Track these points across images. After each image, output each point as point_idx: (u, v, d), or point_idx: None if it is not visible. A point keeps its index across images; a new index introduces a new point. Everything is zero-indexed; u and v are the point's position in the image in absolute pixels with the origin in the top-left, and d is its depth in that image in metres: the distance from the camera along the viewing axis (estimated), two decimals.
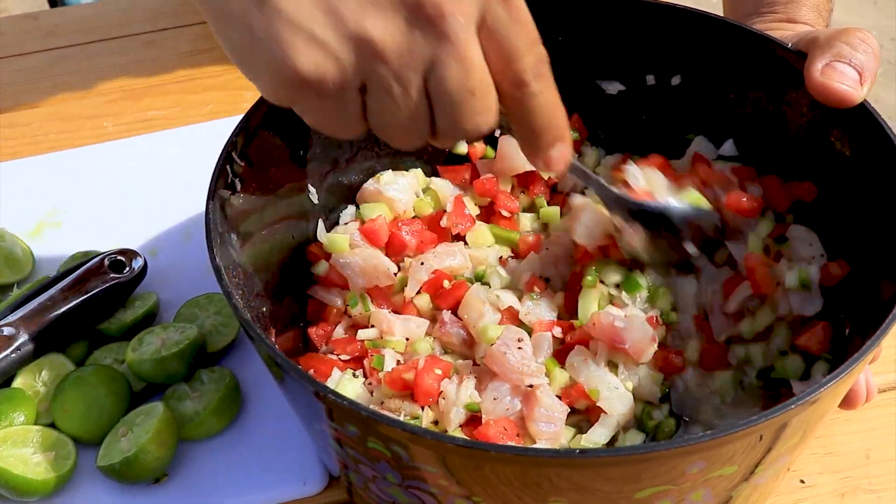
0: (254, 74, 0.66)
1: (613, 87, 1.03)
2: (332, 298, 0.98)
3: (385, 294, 0.98)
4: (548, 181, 1.06)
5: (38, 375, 1.01)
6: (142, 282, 1.09)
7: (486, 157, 1.07)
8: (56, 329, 1.01)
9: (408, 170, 1.05)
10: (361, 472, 0.77)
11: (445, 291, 0.95)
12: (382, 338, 0.95)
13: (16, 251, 1.13)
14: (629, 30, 0.98)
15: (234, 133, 0.89)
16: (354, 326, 0.98)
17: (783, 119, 0.93)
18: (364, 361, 0.94)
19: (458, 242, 1.02)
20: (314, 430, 0.81)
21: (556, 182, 1.06)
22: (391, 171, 1.03)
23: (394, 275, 0.97)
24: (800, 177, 0.94)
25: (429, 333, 0.96)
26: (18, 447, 0.94)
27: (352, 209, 1.04)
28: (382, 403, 0.90)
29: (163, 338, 1.01)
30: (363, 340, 0.95)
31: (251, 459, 0.97)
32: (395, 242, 0.99)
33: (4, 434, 0.95)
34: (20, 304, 1.02)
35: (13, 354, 0.99)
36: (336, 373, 0.92)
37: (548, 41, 0.99)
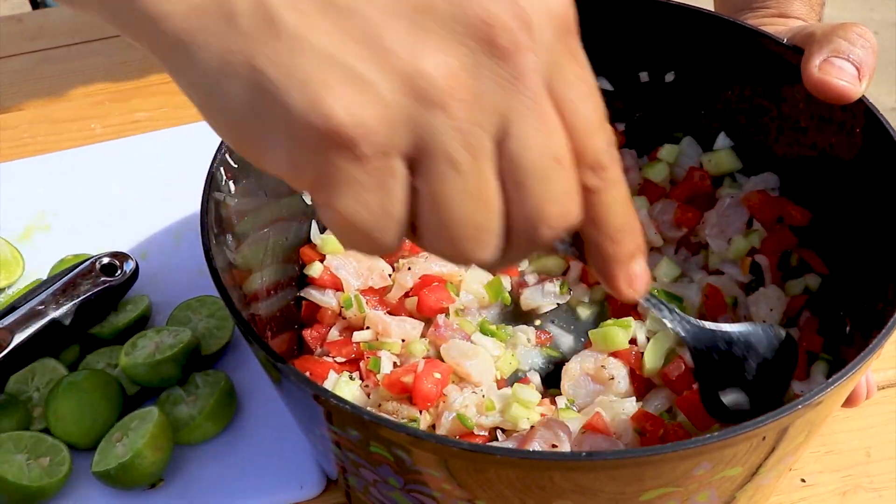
0: (263, 142, 0.48)
1: (607, 85, 1.02)
2: (327, 300, 0.98)
3: (380, 295, 0.98)
4: None
5: (31, 380, 1.00)
6: (133, 285, 1.08)
7: None
8: (48, 333, 1.00)
9: None
10: (362, 476, 0.77)
11: (426, 303, 0.95)
12: (378, 339, 0.94)
13: (5, 255, 1.12)
14: (622, 26, 0.98)
15: None
16: (349, 328, 0.97)
17: (779, 115, 0.93)
18: (360, 364, 0.93)
19: None
20: (313, 434, 0.80)
21: None
22: None
23: (388, 276, 0.97)
24: (798, 176, 0.94)
25: (424, 335, 0.95)
26: (12, 453, 0.93)
27: None
28: (380, 406, 0.89)
29: (156, 341, 1.00)
30: (359, 343, 0.94)
31: (248, 463, 0.96)
32: None
33: None
34: (11, 309, 1.00)
35: (5, 359, 0.97)
36: (332, 375, 0.91)
37: None
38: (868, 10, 3.27)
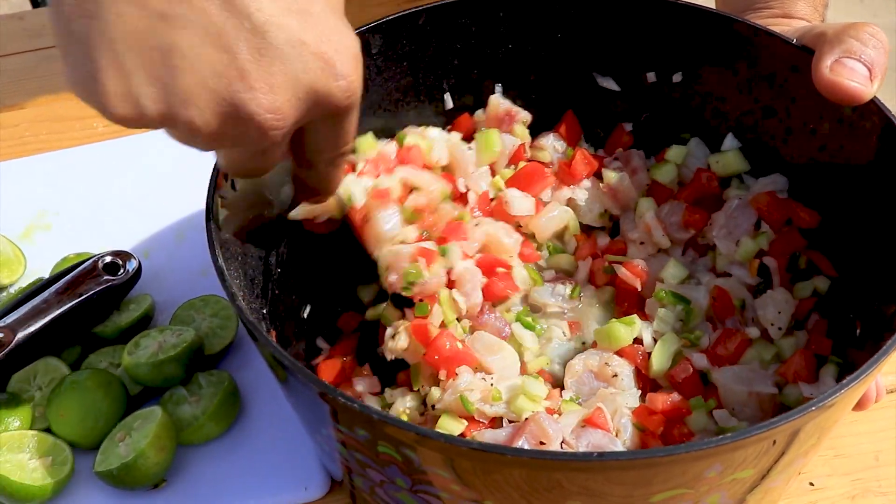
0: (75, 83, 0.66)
1: (613, 85, 1.02)
2: None
3: None
4: None
5: (33, 379, 0.99)
6: (136, 284, 1.07)
7: None
8: (50, 332, 0.99)
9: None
10: (369, 477, 0.76)
11: (494, 290, 0.95)
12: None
13: (8, 254, 1.11)
14: (630, 27, 0.97)
15: None
16: None
17: (788, 117, 0.93)
18: None
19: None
20: (319, 434, 0.80)
21: None
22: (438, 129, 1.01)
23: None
24: (807, 178, 0.94)
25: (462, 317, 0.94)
26: (14, 453, 0.92)
27: None
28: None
29: (159, 341, 0.99)
30: None
31: (251, 464, 0.95)
32: None
33: (0, 440, 0.93)
34: (13, 308, 1.00)
35: (6, 358, 0.97)
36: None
37: (547, 38, 1.00)
38: (871, 15, 3.27)
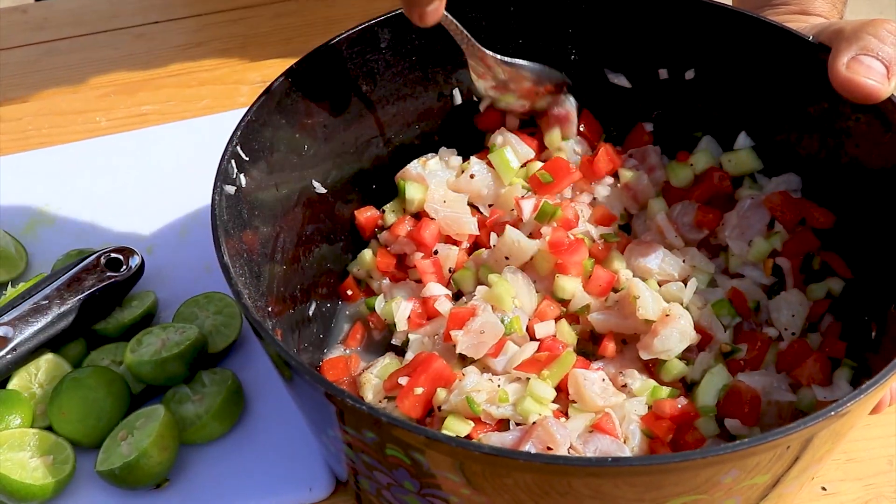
0: None
1: (624, 82, 1.00)
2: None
3: None
4: None
5: (35, 377, 0.98)
6: (139, 280, 1.06)
7: None
8: (52, 329, 0.98)
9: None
10: (376, 479, 0.75)
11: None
12: None
13: (9, 249, 1.10)
14: (642, 22, 0.96)
15: (238, 127, 0.86)
16: None
17: (803, 115, 0.91)
18: None
19: None
20: (325, 436, 0.78)
21: None
22: (437, 159, 1.01)
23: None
24: (822, 177, 0.92)
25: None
26: (15, 451, 0.91)
27: None
28: None
29: (162, 338, 0.98)
30: None
31: (255, 464, 0.94)
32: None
33: (1, 437, 0.92)
34: (15, 304, 0.99)
35: (8, 355, 0.96)
36: None
37: (558, 34, 0.98)
38: (877, 13, 3.25)
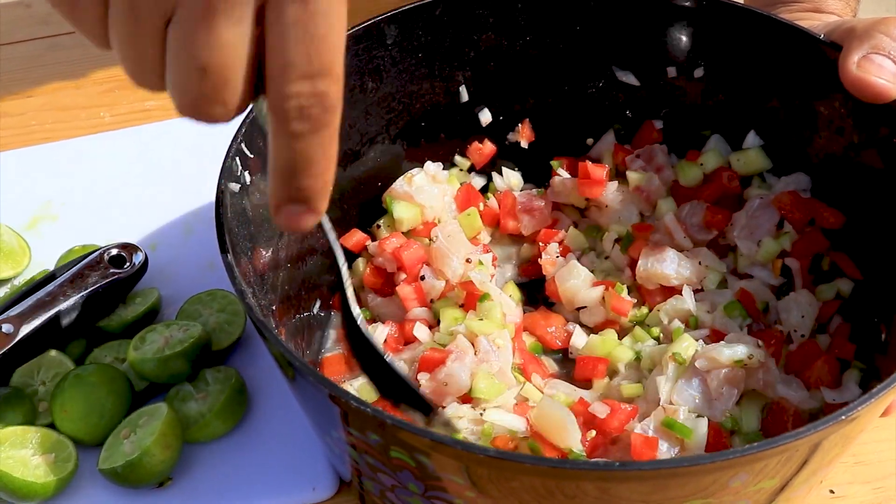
0: None
1: (633, 80, 1.00)
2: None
3: None
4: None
5: (37, 374, 0.97)
6: (142, 277, 1.05)
7: None
8: (55, 326, 0.97)
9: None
10: (380, 481, 0.74)
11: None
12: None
13: (12, 245, 1.09)
14: (651, 20, 0.95)
15: (243, 123, 0.85)
16: None
17: (813, 114, 0.90)
18: None
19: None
20: (328, 436, 0.78)
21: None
22: (423, 173, 1.00)
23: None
24: (832, 177, 0.91)
25: None
26: (17, 448, 0.90)
27: None
28: None
29: (166, 336, 0.97)
30: None
31: (258, 463, 0.93)
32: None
33: (2, 435, 0.91)
34: (18, 300, 0.98)
35: (10, 352, 0.95)
36: None
37: (566, 31, 0.98)
38: (885, 12, 3.24)
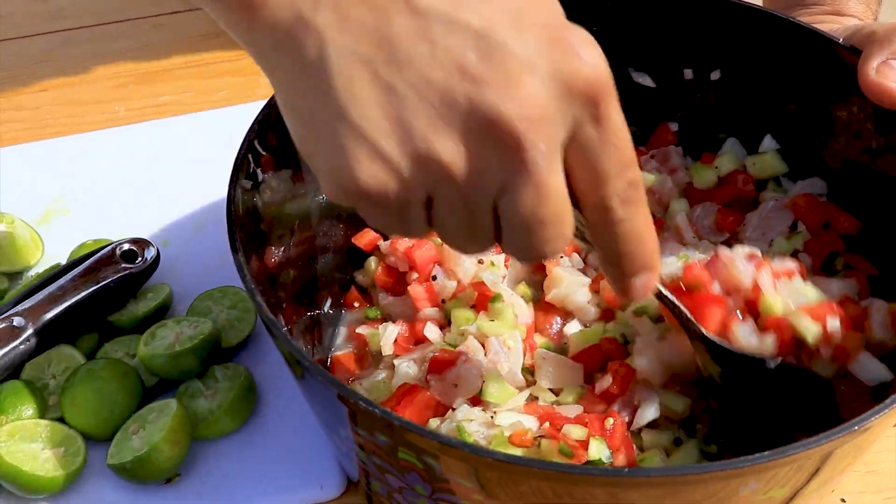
0: (316, 171, 0.61)
1: (648, 81, 0.99)
2: None
3: None
4: None
5: (48, 368, 0.97)
6: (154, 273, 1.05)
7: None
8: (66, 320, 0.97)
9: None
10: (387, 482, 0.74)
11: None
12: None
13: (25, 238, 1.10)
14: (668, 21, 0.95)
15: (257, 120, 0.85)
16: None
17: (830, 119, 0.90)
18: None
19: None
20: (336, 436, 0.78)
21: None
22: None
23: None
24: (848, 183, 0.91)
25: None
26: (26, 442, 0.91)
27: None
28: None
29: (176, 332, 0.97)
30: None
31: (266, 461, 0.93)
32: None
33: (12, 428, 0.91)
34: (29, 294, 0.98)
35: (22, 346, 0.95)
36: None
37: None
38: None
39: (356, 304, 1.00)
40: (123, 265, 1.02)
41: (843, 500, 0.89)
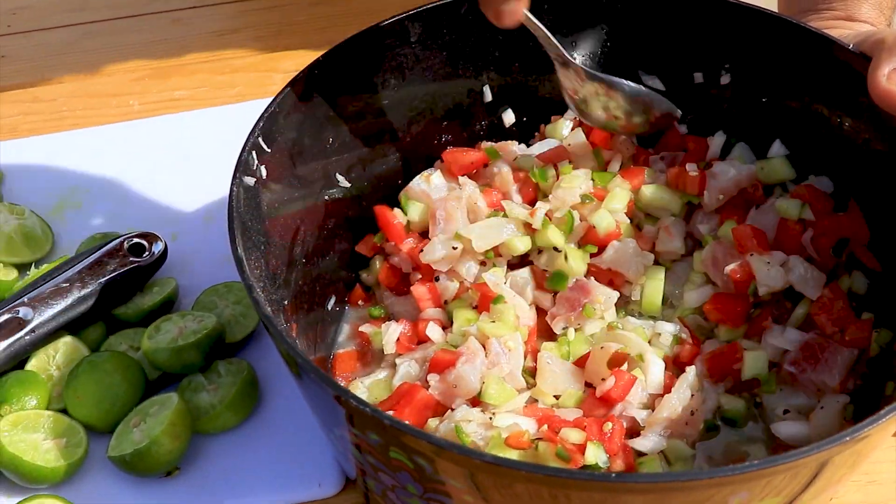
0: None
1: (659, 84, 0.98)
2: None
3: None
4: None
5: (53, 359, 0.98)
6: (161, 266, 1.05)
7: None
8: (72, 312, 0.98)
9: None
10: (381, 481, 0.74)
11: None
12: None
13: (35, 230, 1.10)
14: (679, 24, 0.94)
15: (261, 118, 0.85)
16: None
17: (840, 126, 0.89)
18: None
19: None
20: (332, 434, 0.78)
21: None
22: (438, 173, 0.99)
23: None
24: (857, 188, 0.90)
25: None
26: (29, 432, 0.91)
27: None
28: None
29: (180, 326, 0.97)
30: None
31: (266, 457, 0.93)
32: None
33: (16, 418, 0.92)
34: (36, 286, 0.99)
35: (27, 336, 0.96)
36: None
37: (593, 34, 0.96)
38: None
39: (360, 303, 1.00)
40: (130, 259, 1.02)
41: None
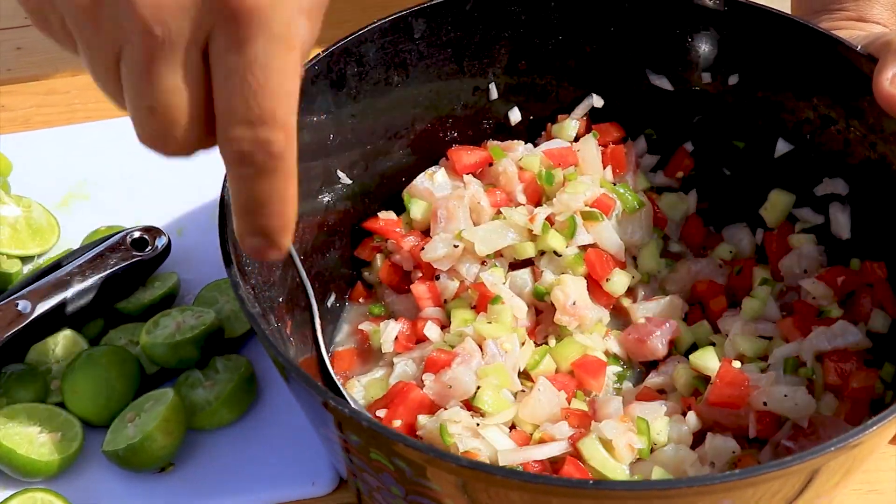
0: None
1: (666, 84, 0.97)
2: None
3: None
4: None
5: (52, 352, 0.98)
6: (165, 261, 1.05)
7: None
8: (71, 305, 0.98)
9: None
10: (366, 482, 0.73)
11: None
12: None
13: (41, 222, 1.10)
14: (688, 24, 0.92)
15: None
16: None
17: (846, 128, 0.87)
18: None
19: None
20: (320, 433, 0.77)
21: None
22: (442, 171, 0.98)
23: None
24: (867, 192, 0.88)
25: None
26: (25, 425, 0.91)
27: None
28: None
29: (178, 321, 0.97)
30: None
31: (261, 455, 0.93)
32: None
33: (11, 411, 0.92)
34: (37, 278, 0.99)
35: (25, 329, 0.96)
36: None
37: (600, 31, 0.95)
38: None
39: (361, 300, 0.99)
40: (133, 253, 1.02)
41: None
